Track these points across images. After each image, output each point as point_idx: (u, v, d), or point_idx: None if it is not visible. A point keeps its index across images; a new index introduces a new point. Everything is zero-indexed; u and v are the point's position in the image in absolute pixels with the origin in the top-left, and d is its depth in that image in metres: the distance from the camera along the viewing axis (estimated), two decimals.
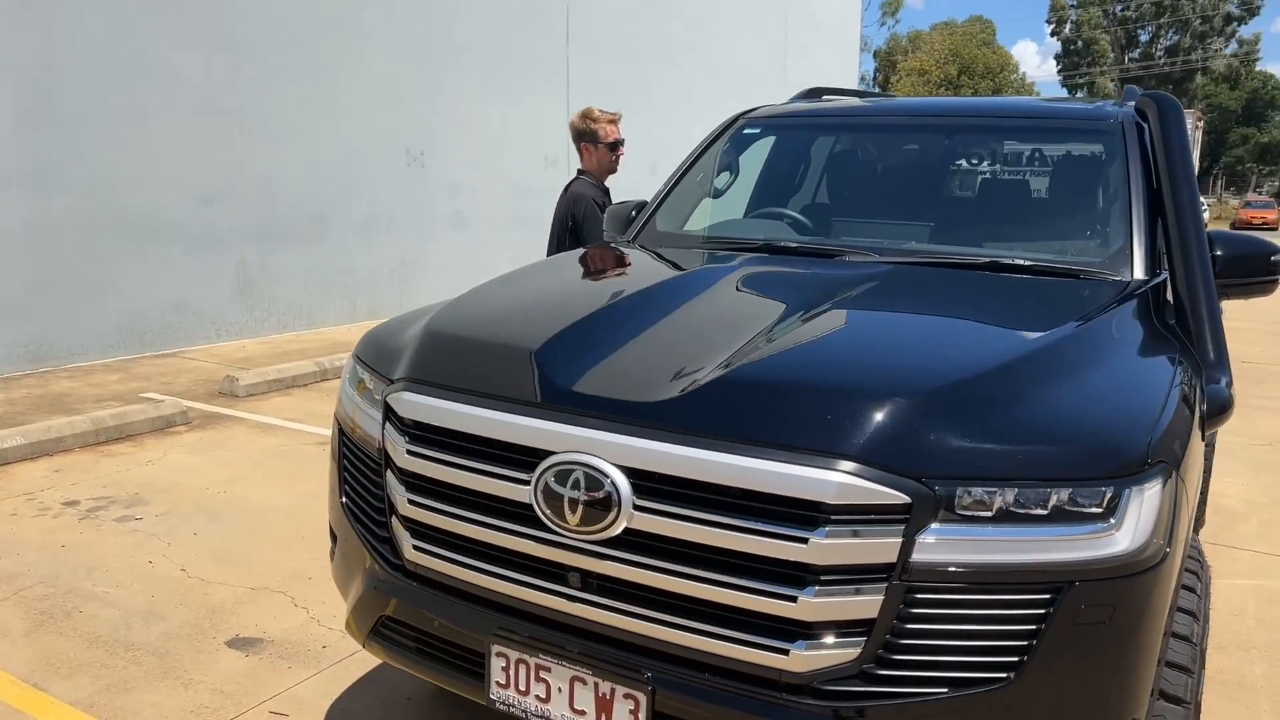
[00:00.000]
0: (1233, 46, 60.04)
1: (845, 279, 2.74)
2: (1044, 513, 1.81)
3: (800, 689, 1.87)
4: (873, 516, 1.81)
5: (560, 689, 2.07)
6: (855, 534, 1.80)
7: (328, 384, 7.89)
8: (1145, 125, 3.32)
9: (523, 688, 2.11)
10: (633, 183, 16.26)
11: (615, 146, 4.80)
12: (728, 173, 3.99)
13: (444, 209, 11.93)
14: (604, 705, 2.02)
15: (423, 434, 2.24)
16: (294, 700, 3.24)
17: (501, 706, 2.15)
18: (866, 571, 1.82)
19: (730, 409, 1.96)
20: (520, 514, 2.10)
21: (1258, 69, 62.89)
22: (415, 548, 2.28)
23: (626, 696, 1.99)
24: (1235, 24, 60.48)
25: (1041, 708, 1.82)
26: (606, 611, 2.03)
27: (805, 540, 1.81)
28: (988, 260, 2.97)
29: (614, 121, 4.80)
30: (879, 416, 1.88)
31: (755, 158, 4.16)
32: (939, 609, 1.82)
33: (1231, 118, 61.78)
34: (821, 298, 2.51)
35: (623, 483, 1.95)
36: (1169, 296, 2.87)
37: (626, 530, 1.96)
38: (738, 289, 2.79)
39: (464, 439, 2.17)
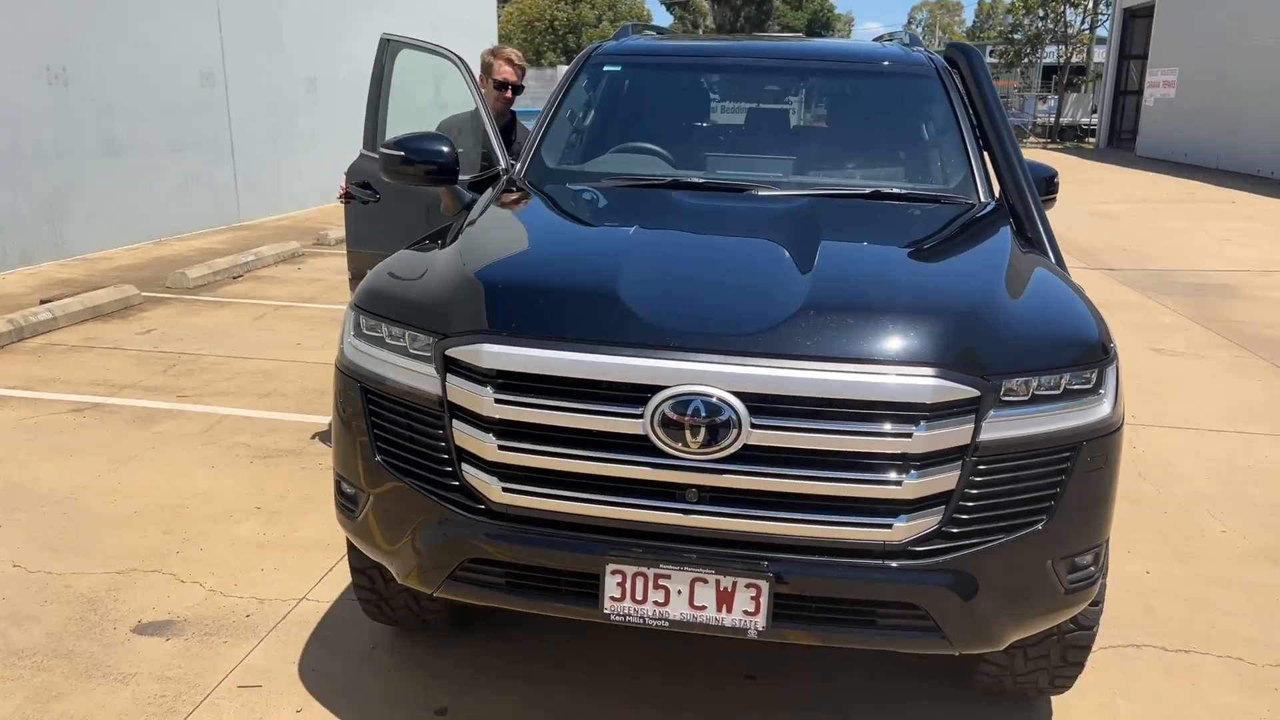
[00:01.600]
0: None
1: (796, 211, 3.13)
2: (1058, 393, 2.38)
3: (898, 553, 2.31)
4: (955, 410, 2.27)
5: (680, 591, 2.33)
6: (944, 425, 2.26)
7: (27, 344, 6.86)
8: (953, 70, 4.01)
9: (639, 597, 2.35)
10: (294, 100, 15.02)
11: (503, 86, 4.73)
12: (587, 106, 4.17)
13: (95, 135, 10.46)
14: (725, 598, 2.32)
15: (514, 383, 2.34)
16: (255, 671, 3.13)
17: (617, 619, 2.37)
18: (949, 454, 2.29)
19: (828, 334, 2.30)
20: (631, 444, 2.30)
21: None
22: (506, 489, 2.38)
23: (748, 586, 2.31)
24: None
25: (1064, 537, 2.42)
26: (721, 518, 2.32)
27: (910, 435, 2.23)
28: (870, 190, 3.50)
29: (511, 63, 4.72)
30: (952, 331, 2.34)
31: (594, 92, 4.34)
32: (995, 475, 2.34)
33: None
34: (806, 228, 2.88)
35: (739, 405, 2.23)
36: None
37: (744, 446, 2.25)
38: (719, 223, 3.09)
39: (564, 383, 2.31)
